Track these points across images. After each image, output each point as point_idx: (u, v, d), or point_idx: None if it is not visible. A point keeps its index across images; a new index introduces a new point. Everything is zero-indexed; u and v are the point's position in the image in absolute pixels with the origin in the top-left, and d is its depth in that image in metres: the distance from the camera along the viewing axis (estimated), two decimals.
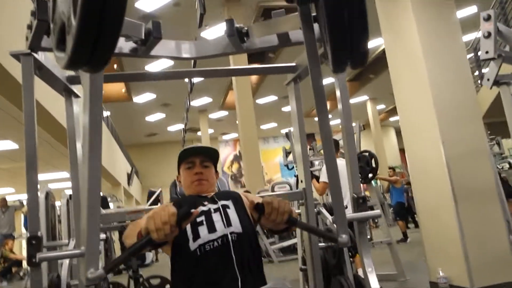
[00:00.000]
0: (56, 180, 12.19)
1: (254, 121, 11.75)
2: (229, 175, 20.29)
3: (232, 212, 1.59)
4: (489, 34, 2.29)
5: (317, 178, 4.93)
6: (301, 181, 2.18)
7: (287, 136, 5.34)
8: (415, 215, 10.59)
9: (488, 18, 2.30)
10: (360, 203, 1.79)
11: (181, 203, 1.64)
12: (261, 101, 15.43)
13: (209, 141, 17.06)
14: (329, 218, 3.63)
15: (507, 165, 7.47)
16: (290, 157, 5.77)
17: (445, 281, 3.41)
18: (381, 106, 18.52)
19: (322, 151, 5.14)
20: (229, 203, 1.63)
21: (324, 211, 3.64)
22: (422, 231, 3.80)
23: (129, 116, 15.55)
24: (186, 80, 10.71)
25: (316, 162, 5.31)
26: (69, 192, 4.93)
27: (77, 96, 1.99)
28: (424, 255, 3.78)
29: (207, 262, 1.44)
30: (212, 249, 1.46)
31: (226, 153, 20.68)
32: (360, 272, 3.92)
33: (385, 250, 5.08)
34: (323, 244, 3.01)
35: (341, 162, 4.76)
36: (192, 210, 1.22)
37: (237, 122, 11.78)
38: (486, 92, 8.15)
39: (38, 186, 1.68)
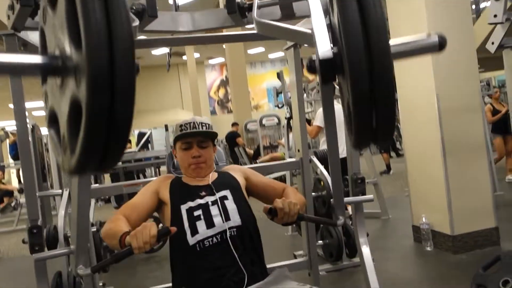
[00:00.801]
0: (41, 108, 11.96)
1: (242, 45, 11.42)
2: (216, 100, 20.15)
3: (230, 203, 1.58)
4: None
5: (308, 121, 4.93)
6: (298, 151, 2.18)
7: (278, 76, 5.22)
8: (397, 144, 10.88)
9: None
10: (358, 183, 1.82)
11: (177, 194, 1.61)
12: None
13: (194, 65, 16.67)
14: (320, 167, 3.69)
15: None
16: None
17: (427, 227, 3.59)
18: None
19: (313, 92, 5.02)
20: (227, 193, 1.62)
21: (315, 159, 3.68)
22: (409, 178, 3.91)
23: None
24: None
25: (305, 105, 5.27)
26: None
27: None
28: (407, 188, 3.95)
29: (208, 258, 1.47)
30: (211, 245, 1.48)
31: (212, 78, 20.33)
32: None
33: (369, 185, 5.27)
34: (314, 193, 3.09)
35: (337, 107, 4.73)
36: (170, 228, 1.30)
37: (223, 46, 11.44)
38: (480, 27, 7.98)
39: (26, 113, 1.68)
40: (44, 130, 6.20)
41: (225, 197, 1.60)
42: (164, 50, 16.52)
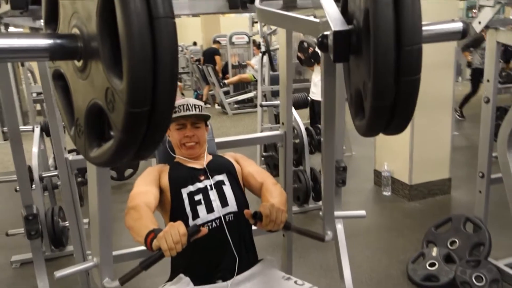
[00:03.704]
0: None
1: None
2: None
3: (227, 189, 1.64)
4: None
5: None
6: (282, 124, 2.21)
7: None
8: None
9: None
10: (340, 171, 1.91)
11: (176, 179, 1.64)
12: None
13: None
14: (295, 114, 3.76)
15: None
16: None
17: (388, 174, 3.86)
18: None
19: None
20: (223, 177, 1.67)
21: None
22: None
23: None
24: None
25: None
26: None
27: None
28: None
29: (206, 243, 1.50)
30: (210, 230, 1.54)
31: None
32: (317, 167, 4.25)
33: None
34: None
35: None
36: (202, 228, 1.31)
37: None
38: None
39: None
40: None
41: (222, 182, 1.65)
42: None
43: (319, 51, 4.46)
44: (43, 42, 0.59)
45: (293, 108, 3.80)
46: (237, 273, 1.54)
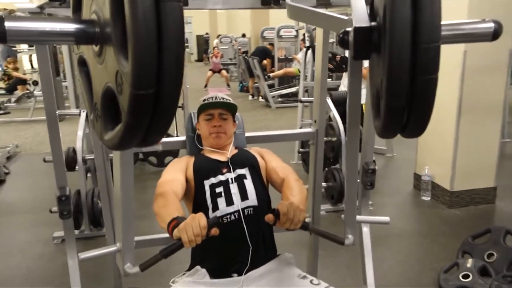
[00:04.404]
0: None
1: None
2: None
3: (248, 183, 1.65)
4: None
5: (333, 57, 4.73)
6: (315, 121, 2.19)
7: None
8: None
9: None
10: (369, 173, 1.87)
11: (200, 170, 1.68)
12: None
13: None
14: (334, 111, 3.70)
15: None
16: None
17: (429, 179, 3.72)
18: None
19: None
20: (245, 171, 1.69)
21: (329, 101, 3.69)
22: None
23: None
24: None
25: None
26: None
27: None
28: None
29: (224, 235, 1.53)
30: (229, 222, 1.56)
31: None
32: None
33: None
34: (325, 138, 3.16)
35: None
36: (218, 221, 1.33)
37: None
38: None
39: None
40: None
41: (244, 176, 1.67)
42: None
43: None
44: (65, 26, 0.61)
45: (332, 105, 3.76)
46: (252, 268, 1.55)
